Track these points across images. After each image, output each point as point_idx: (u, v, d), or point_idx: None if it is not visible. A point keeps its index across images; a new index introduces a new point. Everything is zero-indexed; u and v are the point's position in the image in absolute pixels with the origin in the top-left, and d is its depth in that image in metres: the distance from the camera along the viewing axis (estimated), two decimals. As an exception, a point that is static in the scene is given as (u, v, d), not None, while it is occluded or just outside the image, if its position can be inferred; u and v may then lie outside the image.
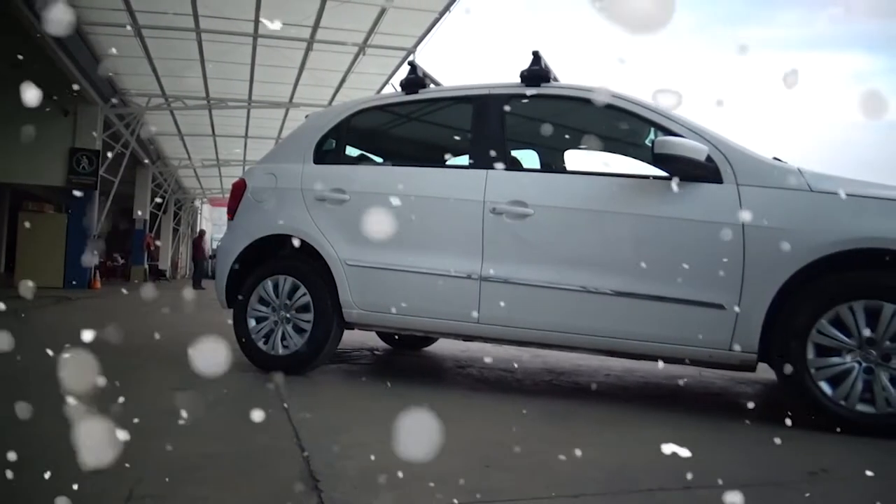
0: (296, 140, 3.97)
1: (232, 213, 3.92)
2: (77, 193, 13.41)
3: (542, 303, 3.07)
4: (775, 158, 3.00)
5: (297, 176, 3.71)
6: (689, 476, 1.93)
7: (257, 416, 2.23)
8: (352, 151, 4.02)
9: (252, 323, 3.62)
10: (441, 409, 2.49)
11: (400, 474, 1.83)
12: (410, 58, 11.40)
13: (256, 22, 10.80)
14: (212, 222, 37.97)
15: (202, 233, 21.24)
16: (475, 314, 3.17)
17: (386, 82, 13.58)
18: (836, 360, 2.63)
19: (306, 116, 4.30)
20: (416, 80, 3.69)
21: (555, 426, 2.63)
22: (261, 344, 3.58)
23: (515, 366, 4.29)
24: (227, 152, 20.69)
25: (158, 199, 22.89)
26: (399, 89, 3.80)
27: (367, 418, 2.60)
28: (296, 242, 3.49)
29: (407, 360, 4.47)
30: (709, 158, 2.88)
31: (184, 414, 2.43)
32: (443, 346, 5.14)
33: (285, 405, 2.76)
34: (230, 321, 3.70)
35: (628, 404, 3.22)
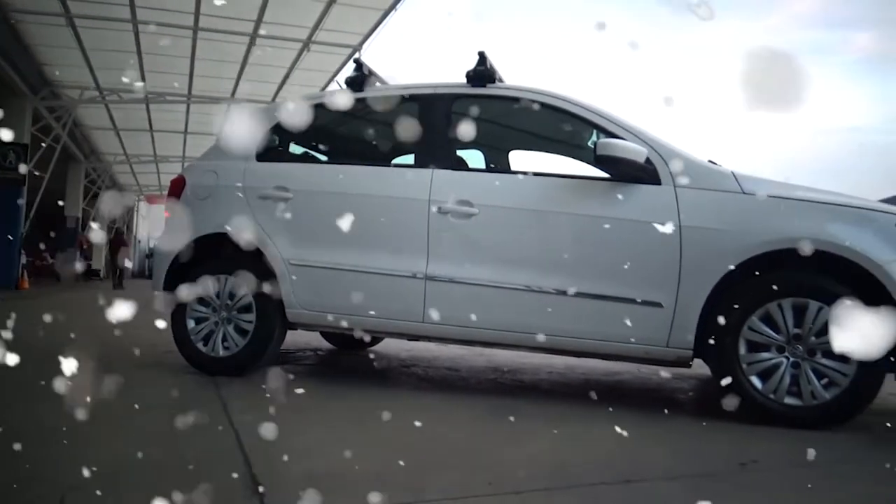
0: (238, 136, 3.88)
1: (171, 211, 3.81)
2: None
3: (487, 302, 3.09)
4: (710, 161, 3.11)
5: (240, 173, 3.64)
6: (629, 470, 1.98)
7: (197, 419, 2.17)
8: (295, 149, 3.96)
9: (191, 324, 3.53)
10: (386, 410, 2.49)
11: (344, 476, 1.82)
12: (356, 55, 11.32)
13: (197, 14, 10.52)
14: (149, 220, 36.76)
15: (119, 232, 20.58)
16: (420, 313, 3.18)
17: (331, 79, 13.44)
18: (765, 355, 2.74)
19: (248, 112, 4.20)
20: (361, 78, 3.66)
21: (499, 424, 2.66)
22: (200, 345, 3.50)
23: (459, 366, 4.31)
24: (166, 148, 20.08)
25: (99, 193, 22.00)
26: (344, 87, 3.77)
27: (310, 420, 2.57)
28: (237, 241, 3.42)
29: (352, 361, 4.44)
30: (648, 160, 2.96)
31: (119, 419, 2.35)
32: (388, 346, 5.12)
33: (226, 408, 2.70)
34: (160, 322, 3.59)
35: (570, 401, 3.28)
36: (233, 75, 13.26)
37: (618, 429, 2.54)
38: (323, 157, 4.08)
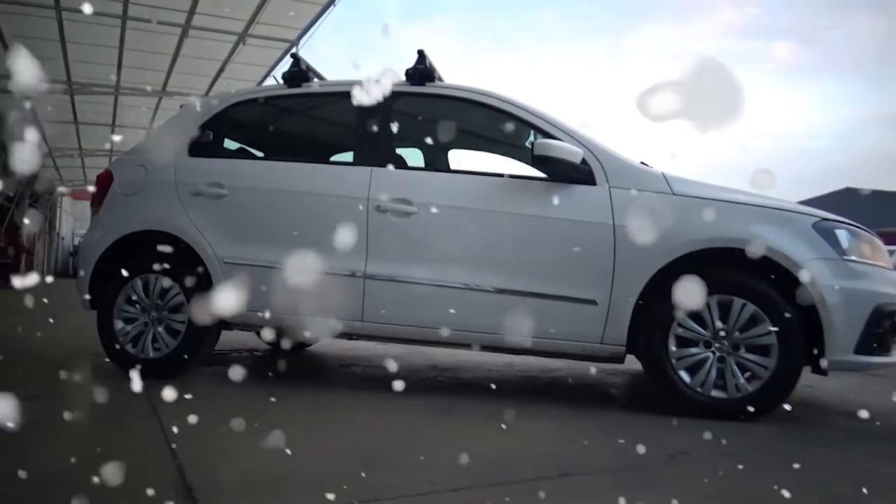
0: (169, 130, 3.76)
1: (97, 208, 3.65)
2: None
3: (426, 300, 3.10)
4: (642, 163, 3.21)
5: (171, 169, 3.52)
6: (565, 464, 2.02)
7: (125, 424, 2.09)
8: (230, 145, 3.86)
9: (119, 325, 3.39)
10: (324, 410, 2.46)
11: (283, 479, 1.79)
12: (293, 50, 11.13)
13: (126, 3, 10.11)
14: (73, 216, 35.12)
15: (16, 226, 19.58)
16: (359, 312, 3.16)
17: (267, 74, 13.14)
18: (693, 350, 2.86)
19: (181, 106, 4.09)
20: (299, 74, 3.61)
21: (438, 422, 2.67)
22: (129, 347, 3.37)
23: (396, 364, 4.30)
24: (92, 141, 19.22)
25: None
26: (281, 82, 3.70)
27: (246, 423, 2.51)
28: (168, 239, 3.31)
29: (289, 361, 4.37)
30: (583, 161, 3.04)
31: (42, 427, 2.24)
32: (326, 346, 5.07)
33: (156, 412, 2.61)
34: (86, 323, 3.45)
35: (508, 398, 3.33)
36: (164, 67, 12.80)
37: (554, 424, 2.60)
38: (259, 154, 3.99)
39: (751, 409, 2.78)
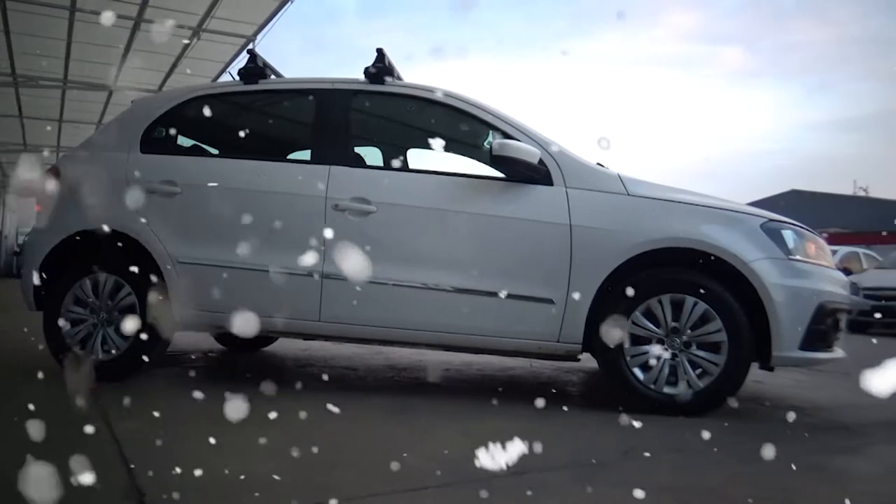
0: (121, 126, 3.66)
1: (43, 205, 3.53)
2: None
3: (385, 300, 3.09)
4: (598, 164, 3.26)
5: (122, 165, 3.42)
6: (522, 461, 2.04)
7: (74, 428, 2.03)
8: (184, 142, 3.78)
9: (66, 326, 3.28)
10: (280, 411, 2.43)
11: (237, 482, 1.76)
12: (250, 46, 10.95)
13: (74, -7, 9.79)
14: (18, 214, 33.84)
15: None
16: (316, 312, 3.13)
17: (223, 70, 12.90)
18: (647, 348, 2.92)
19: (133, 101, 3.98)
20: (255, 70, 3.55)
21: (397, 422, 2.66)
22: (77, 349, 3.27)
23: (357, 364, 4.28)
24: (38, 137, 18.55)
25: None
26: (237, 78, 3.64)
27: (199, 425, 2.47)
28: (119, 238, 3.22)
29: (244, 362, 4.30)
30: (541, 162, 3.07)
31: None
32: (282, 346, 5.00)
33: (106, 416, 2.54)
34: (31, 325, 3.33)
35: (467, 397, 3.34)
36: (115, 61, 12.43)
37: (512, 422, 2.62)
38: (214, 151, 3.92)
39: (702, 404, 2.85)
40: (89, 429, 2.27)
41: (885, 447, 2.53)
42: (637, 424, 2.67)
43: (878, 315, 9.89)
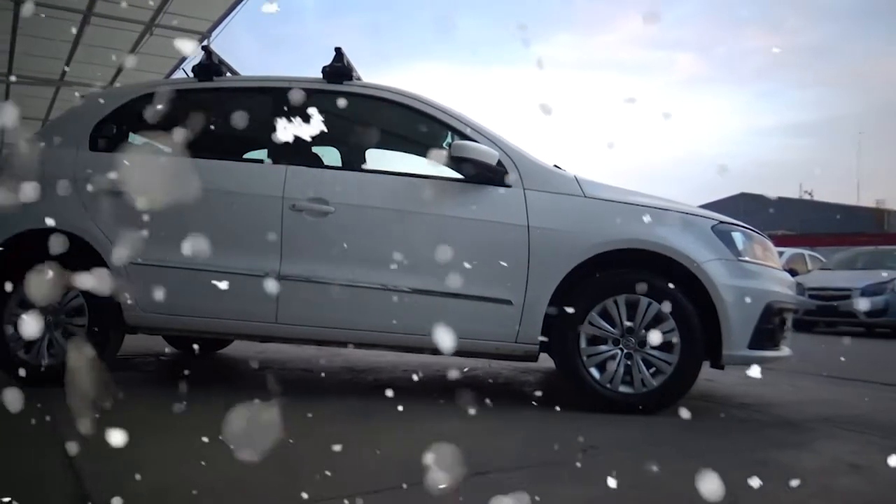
0: (69, 123, 3.55)
1: (-16, 203, 3.39)
2: None
3: (343, 301, 3.07)
4: (555, 166, 3.30)
5: (70, 163, 3.32)
6: (481, 462, 2.05)
7: (19, 436, 1.96)
8: (135, 139, 3.68)
9: (10, 329, 3.17)
10: (235, 416, 2.38)
11: (190, 489, 1.73)
12: (205, 42, 10.73)
13: (19, -16, 9.44)
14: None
15: None
16: (273, 314, 3.08)
17: (177, 66, 12.62)
18: (603, 348, 2.97)
19: (82, 97, 3.86)
20: (210, 67, 3.49)
21: (355, 424, 2.65)
22: (21, 353, 3.15)
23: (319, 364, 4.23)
24: (-20, 132, 17.82)
25: None
26: (191, 75, 3.56)
27: (151, 430, 2.40)
28: (66, 237, 3.12)
29: (198, 365, 4.21)
30: (499, 163, 3.09)
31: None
32: (238, 349, 4.91)
33: (53, 422, 2.46)
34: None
35: (425, 398, 3.34)
36: (63, 55, 12.04)
37: (471, 423, 2.63)
38: (166, 149, 3.83)
39: (656, 402, 2.91)
40: (35, 435, 2.20)
41: (828, 441, 2.63)
42: (593, 423, 2.72)
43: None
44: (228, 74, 3.61)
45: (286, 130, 3.31)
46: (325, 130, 3.93)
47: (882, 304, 10.03)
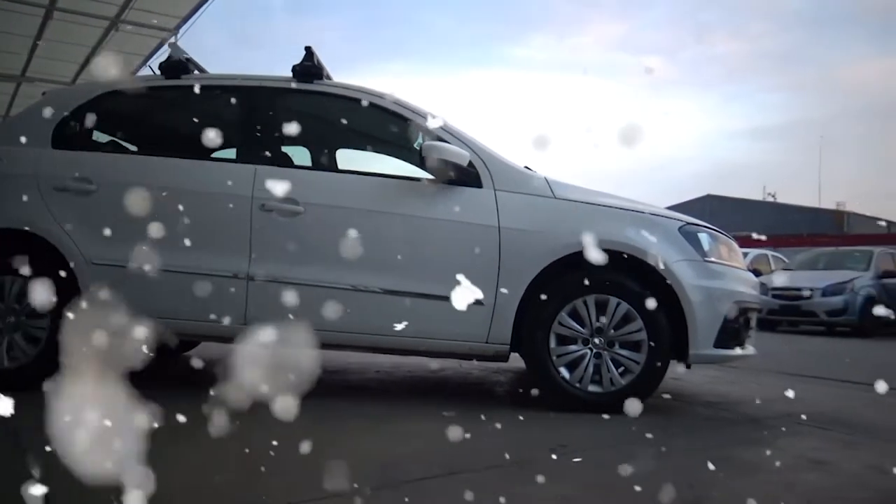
0: (30, 119, 3.46)
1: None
2: None
3: (313, 302, 3.04)
4: (526, 167, 3.32)
5: (31, 161, 3.24)
6: (453, 462, 2.06)
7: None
8: (100, 137, 3.61)
9: (-32, 332, 3.07)
10: (203, 418, 2.35)
11: (159, 494, 1.69)
12: (172, 39, 10.55)
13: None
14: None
15: None
16: (242, 315, 3.05)
17: (143, 64, 12.39)
18: (572, 347, 3.00)
19: (44, 93, 3.77)
20: (178, 65, 3.43)
21: (324, 426, 2.63)
22: (-20, 356, 3.06)
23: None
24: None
25: None
26: (158, 73, 3.50)
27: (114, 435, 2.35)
28: (27, 238, 3.04)
29: (164, 368, 4.14)
30: (470, 164, 3.10)
31: None
32: (205, 350, 4.84)
33: (14, 428, 2.39)
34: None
35: (397, 399, 3.33)
36: (24, 51, 11.73)
37: (442, 423, 2.63)
38: (132, 147, 3.76)
39: (624, 401, 2.94)
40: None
41: (792, 438, 2.69)
42: (563, 422, 2.74)
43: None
44: (196, 72, 3.56)
45: (255, 130, 3.27)
46: (296, 130, 3.90)
47: (841, 304, 10.31)
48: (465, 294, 3.01)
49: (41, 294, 3.08)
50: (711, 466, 2.17)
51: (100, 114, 3.45)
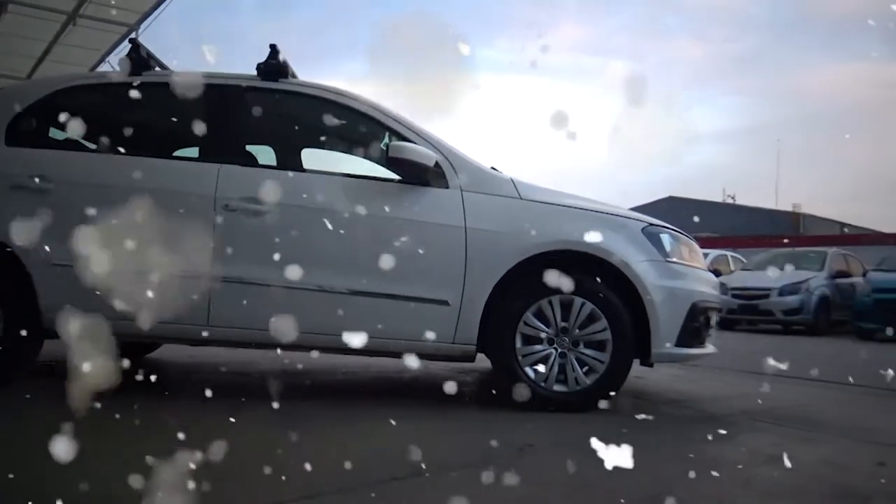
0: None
1: None
2: None
3: (278, 303, 3.01)
4: (493, 168, 3.34)
5: (-17, 159, 3.13)
6: (420, 463, 2.05)
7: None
8: (57, 134, 3.51)
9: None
10: (166, 422, 2.31)
11: (122, 497, 1.66)
12: (132, 35, 10.33)
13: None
14: None
15: None
16: (205, 316, 3.00)
17: (102, 59, 12.10)
18: (538, 347, 3.02)
19: (-2, 89, 3.65)
20: (138, 61, 3.36)
21: (291, 428, 2.60)
22: (-71, 360, 2.95)
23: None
24: None
25: None
26: (118, 69, 3.43)
27: (73, 439, 2.29)
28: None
29: (125, 370, 4.04)
30: (437, 165, 3.10)
31: None
32: (168, 352, 4.75)
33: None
34: None
35: (364, 400, 3.32)
36: (-25, 44, 11.37)
37: (409, 424, 2.63)
38: (91, 145, 3.66)
39: (589, 400, 2.98)
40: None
41: (750, 434, 2.76)
42: (529, 422, 2.76)
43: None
44: (158, 69, 3.49)
45: (219, 128, 3.22)
46: (260, 129, 3.85)
47: (797, 304, 10.60)
48: (431, 294, 3.02)
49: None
50: (673, 463, 2.21)
51: (57, 110, 3.35)
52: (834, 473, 2.23)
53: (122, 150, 3.37)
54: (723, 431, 2.82)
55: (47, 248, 3.03)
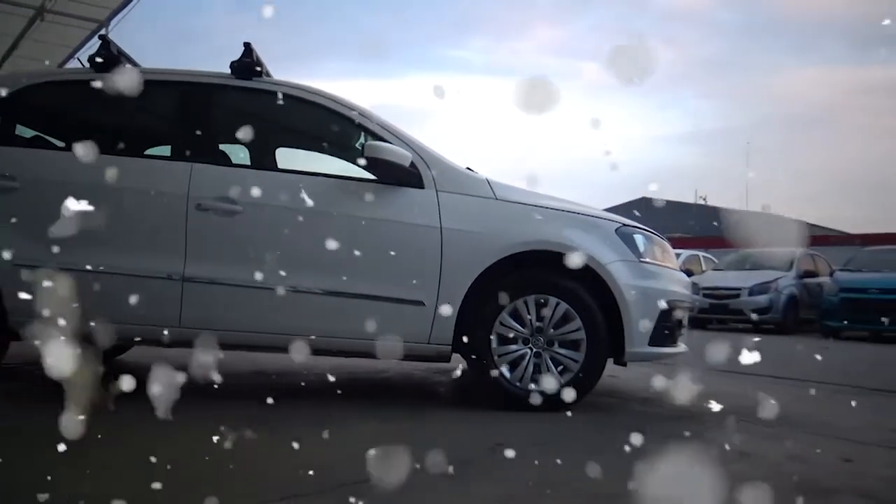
0: (-55, 112, 3.26)
1: None
2: None
3: (251, 304, 2.98)
4: (468, 168, 3.35)
5: (-54, 156, 3.06)
6: (392, 464, 2.05)
7: None
8: (24, 132, 3.44)
9: None
10: (138, 426, 2.27)
11: (96, 501, 1.63)
12: (102, 31, 10.14)
13: None
14: None
15: None
16: (176, 317, 2.96)
17: (71, 56, 11.85)
18: (513, 347, 3.04)
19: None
20: (108, 58, 3.30)
21: (266, 431, 2.58)
22: None
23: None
24: None
25: None
26: (87, 65, 3.37)
27: (37, 445, 2.25)
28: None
29: (95, 373, 3.97)
30: (412, 165, 3.10)
31: None
32: (138, 354, 4.68)
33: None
34: None
35: (338, 401, 3.30)
36: (-61, 39, 11.08)
37: (383, 425, 2.62)
38: (60, 144, 3.60)
39: (562, 399, 3.00)
40: None
41: (720, 431, 2.80)
42: (503, 421, 2.77)
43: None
44: (129, 66, 3.43)
45: (192, 127, 3.19)
46: (233, 127, 3.80)
47: (766, 303, 10.81)
48: (406, 294, 3.01)
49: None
50: (642, 460, 2.23)
51: (24, 107, 3.29)
52: (799, 467, 2.28)
53: (91, 147, 3.31)
54: (694, 428, 2.86)
55: (13, 247, 2.96)
